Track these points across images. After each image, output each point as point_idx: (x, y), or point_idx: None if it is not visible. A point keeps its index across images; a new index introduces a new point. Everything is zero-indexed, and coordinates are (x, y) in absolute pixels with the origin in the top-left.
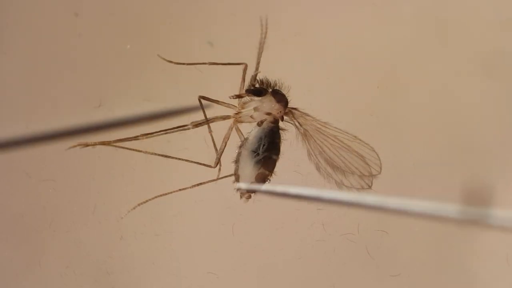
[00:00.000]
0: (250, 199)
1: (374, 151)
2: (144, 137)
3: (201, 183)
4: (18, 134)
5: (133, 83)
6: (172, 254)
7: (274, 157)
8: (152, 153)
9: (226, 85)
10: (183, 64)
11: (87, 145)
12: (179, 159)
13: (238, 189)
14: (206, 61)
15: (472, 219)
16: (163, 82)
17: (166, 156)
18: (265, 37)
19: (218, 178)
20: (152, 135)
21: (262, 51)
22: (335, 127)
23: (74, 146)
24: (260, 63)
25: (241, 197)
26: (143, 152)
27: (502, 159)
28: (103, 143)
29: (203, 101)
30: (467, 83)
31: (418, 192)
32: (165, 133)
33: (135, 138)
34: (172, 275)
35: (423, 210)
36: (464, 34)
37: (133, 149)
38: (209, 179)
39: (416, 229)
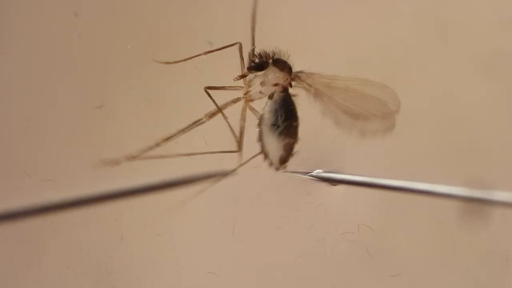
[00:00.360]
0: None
1: (387, 87)
2: (165, 142)
3: (234, 170)
4: (18, 134)
5: (133, 83)
6: (172, 254)
7: (294, 124)
8: (178, 155)
9: (226, 84)
10: (179, 61)
11: (114, 163)
12: (204, 153)
13: (270, 165)
14: (204, 61)
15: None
16: (163, 82)
17: (191, 154)
18: (255, 11)
19: (247, 161)
20: (172, 138)
21: (255, 25)
22: (344, 77)
23: (100, 165)
24: (255, 38)
25: (277, 170)
26: (171, 157)
27: (502, 159)
28: (129, 159)
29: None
30: (467, 83)
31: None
32: (183, 133)
33: (157, 145)
34: (172, 275)
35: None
36: (464, 34)
37: (160, 157)
38: (238, 165)
39: (416, 229)
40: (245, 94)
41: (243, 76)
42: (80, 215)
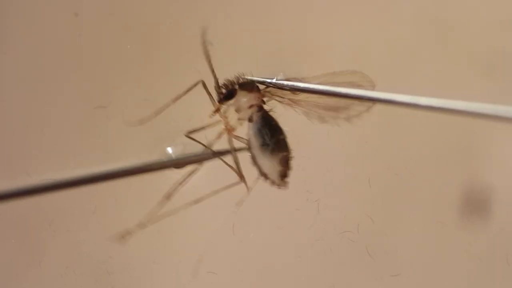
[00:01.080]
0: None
1: (356, 71)
2: (165, 200)
3: (241, 202)
4: (18, 134)
5: (133, 83)
6: (172, 254)
7: (281, 137)
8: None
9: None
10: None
11: (127, 234)
12: (211, 194)
13: (273, 184)
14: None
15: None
16: (163, 82)
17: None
18: (207, 46)
19: (250, 190)
20: (176, 190)
21: (210, 60)
22: (311, 76)
23: (116, 239)
24: (214, 70)
25: (281, 187)
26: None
27: (502, 159)
28: (140, 227)
29: (191, 137)
30: (467, 83)
31: (418, 192)
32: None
33: (166, 200)
34: (172, 275)
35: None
36: (464, 34)
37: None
38: (244, 195)
39: (416, 229)
40: (226, 126)
41: (217, 111)
42: (81, 215)
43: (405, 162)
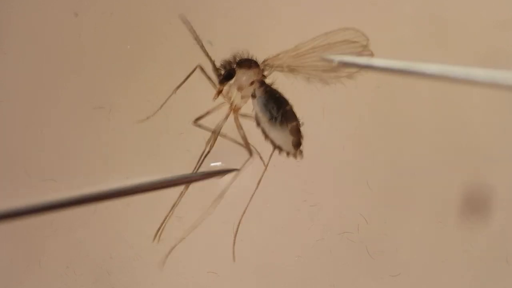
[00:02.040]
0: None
1: (348, 28)
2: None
3: (260, 180)
4: (18, 134)
5: (133, 83)
6: (172, 254)
7: (287, 107)
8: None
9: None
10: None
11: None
12: (223, 172)
13: (288, 154)
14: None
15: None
16: (163, 82)
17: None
18: (194, 32)
19: (267, 164)
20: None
21: (202, 44)
22: (304, 42)
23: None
24: (209, 54)
25: (297, 156)
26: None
27: (502, 159)
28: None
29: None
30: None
31: (418, 192)
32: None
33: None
34: (172, 275)
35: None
36: (464, 34)
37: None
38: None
39: (416, 229)
40: (230, 106)
41: (219, 92)
42: (81, 215)
43: (404, 162)
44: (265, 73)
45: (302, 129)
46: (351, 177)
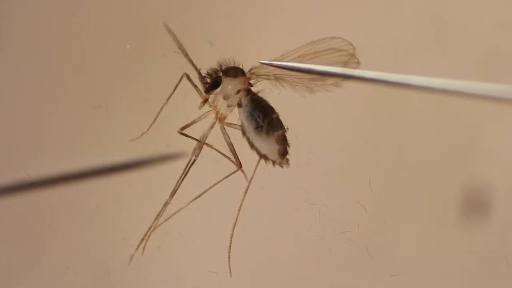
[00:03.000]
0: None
1: (334, 37)
2: (170, 199)
3: (246, 192)
4: (18, 134)
5: (133, 83)
6: (172, 254)
7: (274, 116)
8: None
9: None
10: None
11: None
12: (211, 187)
13: (274, 163)
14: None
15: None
16: (163, 82)
17: (203, 193)
18: (178, 41)
19: (253, 174)
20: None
21: (185, 52)
22: (291, 50)
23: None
24: (193, 61)
25: (283, 165)
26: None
27: (502, 159)
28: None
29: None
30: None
31: (418, 192)
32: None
33: (165, 207)
34: (172, 275)
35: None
36: (463, 34)
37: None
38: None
39: (416, 229)
40: (216, 115)
41: (205, 101)
42: (81, 215)
43: (405, 162)
44: (252, 81)
45: (287, 135)
46: (351, 177)
